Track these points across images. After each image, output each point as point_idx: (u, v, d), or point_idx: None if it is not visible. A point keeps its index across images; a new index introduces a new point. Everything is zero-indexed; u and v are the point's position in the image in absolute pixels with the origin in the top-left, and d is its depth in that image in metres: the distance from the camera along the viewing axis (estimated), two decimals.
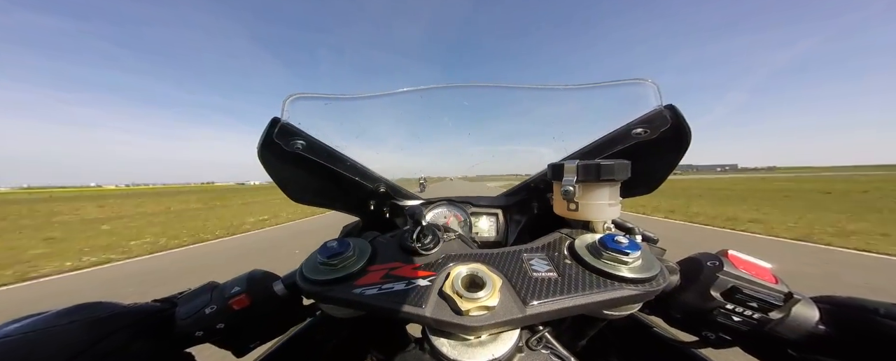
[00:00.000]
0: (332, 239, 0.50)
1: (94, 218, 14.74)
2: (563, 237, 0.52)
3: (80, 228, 11.01)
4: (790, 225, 7.84)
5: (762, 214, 9.69)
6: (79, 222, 13.00)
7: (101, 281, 5.03)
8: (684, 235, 7.07)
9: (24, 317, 0.43)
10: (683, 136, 0.59)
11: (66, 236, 9.31)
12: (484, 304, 0.38)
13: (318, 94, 0.66)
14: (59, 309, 0.44)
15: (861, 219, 8.30)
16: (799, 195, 16.42)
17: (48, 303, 4.83)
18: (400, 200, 0.88)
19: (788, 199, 14.23)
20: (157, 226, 10.90)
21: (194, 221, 12.15)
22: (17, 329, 0.40)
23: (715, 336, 0.49)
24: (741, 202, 13.56)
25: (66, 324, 0.41)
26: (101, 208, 20.58)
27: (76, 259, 6.32)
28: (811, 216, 9.10)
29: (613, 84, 0.66)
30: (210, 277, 0.60)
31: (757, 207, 11.51)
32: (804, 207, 11.21)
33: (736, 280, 0.47)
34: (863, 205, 11.24)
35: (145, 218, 13.66)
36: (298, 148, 0.63)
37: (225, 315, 0.49)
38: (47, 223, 13.01)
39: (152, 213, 16.13)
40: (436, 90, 0.77)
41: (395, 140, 0.95)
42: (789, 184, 28.01)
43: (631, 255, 0.43)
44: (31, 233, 9.95)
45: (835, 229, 7.08)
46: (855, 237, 6.27)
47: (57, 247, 7.61)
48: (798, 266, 4.59)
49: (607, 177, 0.51)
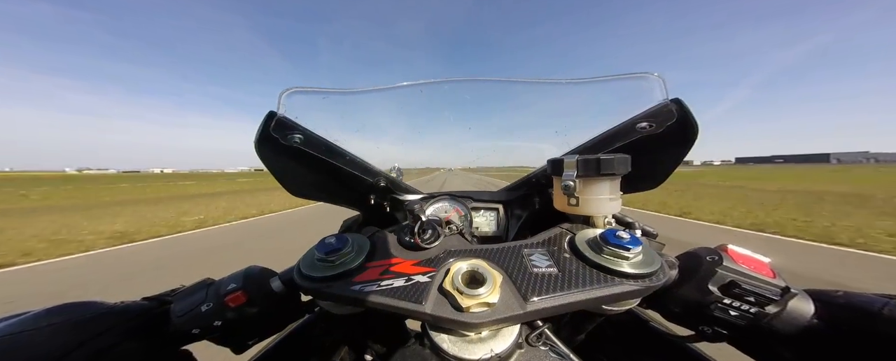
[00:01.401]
0: (329, 235, 0.50)
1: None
2: (563, 232, 0.52)
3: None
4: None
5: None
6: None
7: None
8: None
9: (3, 317, 0.40)
10: (690, 131, 0.58)
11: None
12: (484, 301, 0.38)
13: (314, 89, 0.65)
14: (37, 311, 0.41)
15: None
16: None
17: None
18: (400, 194, 0.87)
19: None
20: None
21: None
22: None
23: (711, 331, 0.49)
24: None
25: (44, 327, 0.38)
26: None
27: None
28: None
29: (618, 78, 0.65)
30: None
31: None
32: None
33: (735, 274, 0.47)
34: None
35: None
36: (296, 142, 0.62)
37: (222, 313, 0.49)
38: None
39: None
40: (436, 85, 0.76)
41: (395, 133, 0.94)
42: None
43: (632, 250, 0.42)
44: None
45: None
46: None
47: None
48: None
49: (607, 172, 0.50)
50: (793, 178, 28.15)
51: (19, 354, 0.36)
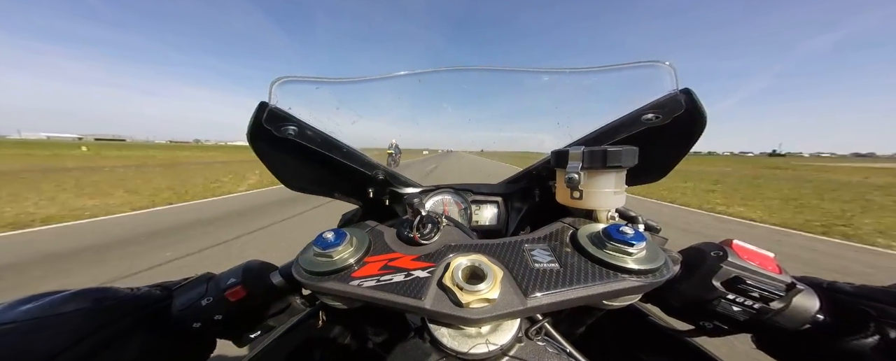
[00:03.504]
0: (328, 230, 0.49)
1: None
2: (565, 227, 0.51)
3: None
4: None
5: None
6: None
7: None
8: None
9: (24, 300, 0.41)
10: (698, 122, 0.57)
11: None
12: (484, 297, 0.37)
13: (307, 77, 0.62)
14: (64, 293, 0.43)
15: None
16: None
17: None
18: (399, 188, 0.86)
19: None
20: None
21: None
22: (15, 316, 0.38)
23: (712, 325, 0.49)
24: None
25: (72, 312, 0.41)
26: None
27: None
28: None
29: (625, 66, 0.62)
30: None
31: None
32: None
33: (739, 270, 0.46)
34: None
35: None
36: (290, 133, 0.60)
37: (222, 307, 0.49)
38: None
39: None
40: (436, 73, 0.74)
41: (393, 120, 0.92)
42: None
43: (636, 246, 0.41)
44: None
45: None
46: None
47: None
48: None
49: (614, 164, 0.49)
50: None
51: (35, 338, 0.38)
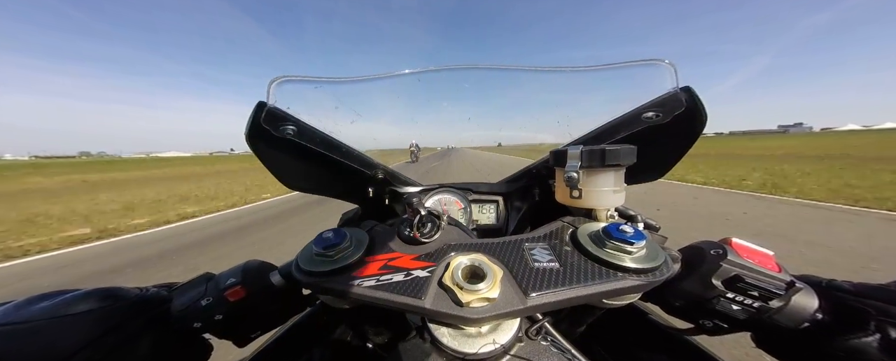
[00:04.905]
0: (327, 230, 0.49)
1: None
2: (565, 226, 0.51)
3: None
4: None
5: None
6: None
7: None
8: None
9: (36, 298, 0.41)
10: (697, 120, 0.57)
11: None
12: (484, 296, 0.37)
13: (306, 77, 0.62)
14: (75, 293, 0.43)
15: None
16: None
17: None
18: (399, 187, 0.86)
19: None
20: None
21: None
22: (31, 315, 0.38)
23: (711, 324, 0.49)
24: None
25: (85, 311, 0.40)
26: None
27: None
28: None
29: (625, 65, 0.62)
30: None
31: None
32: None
33: (739, 268, 0.46)
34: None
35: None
36: (289, 133, 0.60)
37: (222, 307, 0.49)
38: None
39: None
40: (434, 72, 0.74)
41: (392, 120, 0.92)
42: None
43: (636, 245, 0.41)
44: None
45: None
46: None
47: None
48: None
49: (613, 163, 0.49)
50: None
51: (44, 340, 0.37)
